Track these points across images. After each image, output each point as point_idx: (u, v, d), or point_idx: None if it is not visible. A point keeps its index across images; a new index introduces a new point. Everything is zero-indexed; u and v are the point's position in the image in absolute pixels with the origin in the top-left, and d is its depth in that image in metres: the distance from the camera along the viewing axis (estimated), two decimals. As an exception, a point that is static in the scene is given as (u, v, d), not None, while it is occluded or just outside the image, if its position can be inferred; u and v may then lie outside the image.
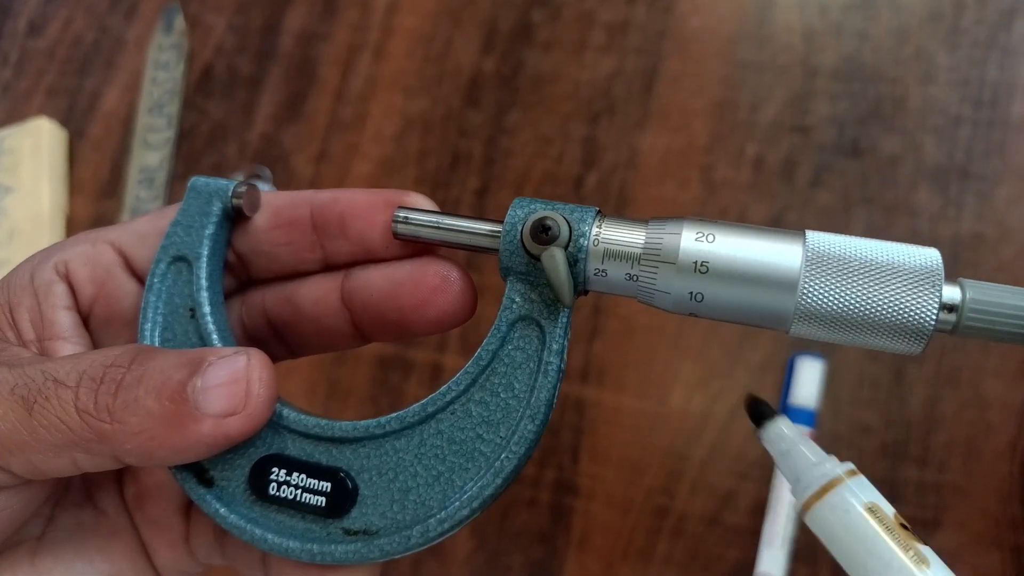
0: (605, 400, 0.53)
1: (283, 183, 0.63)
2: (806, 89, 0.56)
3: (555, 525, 0.52)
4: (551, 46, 0.61)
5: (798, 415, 0.50)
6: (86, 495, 0.28)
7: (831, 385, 0.51)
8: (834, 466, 0.23)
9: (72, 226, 0.66)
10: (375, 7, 0.65)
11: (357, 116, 0.63)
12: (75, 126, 0.68)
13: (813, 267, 0.22)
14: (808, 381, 0.50)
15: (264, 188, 0.62)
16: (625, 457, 0.52)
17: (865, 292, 0.22)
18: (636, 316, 0.54)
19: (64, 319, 0.26)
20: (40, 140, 0.66)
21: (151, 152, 0.65)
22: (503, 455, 0.24)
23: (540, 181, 0.58)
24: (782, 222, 0.54)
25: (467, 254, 0.27)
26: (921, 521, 0.48)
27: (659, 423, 0.52)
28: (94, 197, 0.66)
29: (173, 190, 0.65)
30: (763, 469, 0.50)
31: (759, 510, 0.50)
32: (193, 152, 0.65)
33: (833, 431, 0.50)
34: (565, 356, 0.25)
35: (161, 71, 0.67)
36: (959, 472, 0.49)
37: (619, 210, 0.57)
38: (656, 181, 0.57)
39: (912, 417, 0.50)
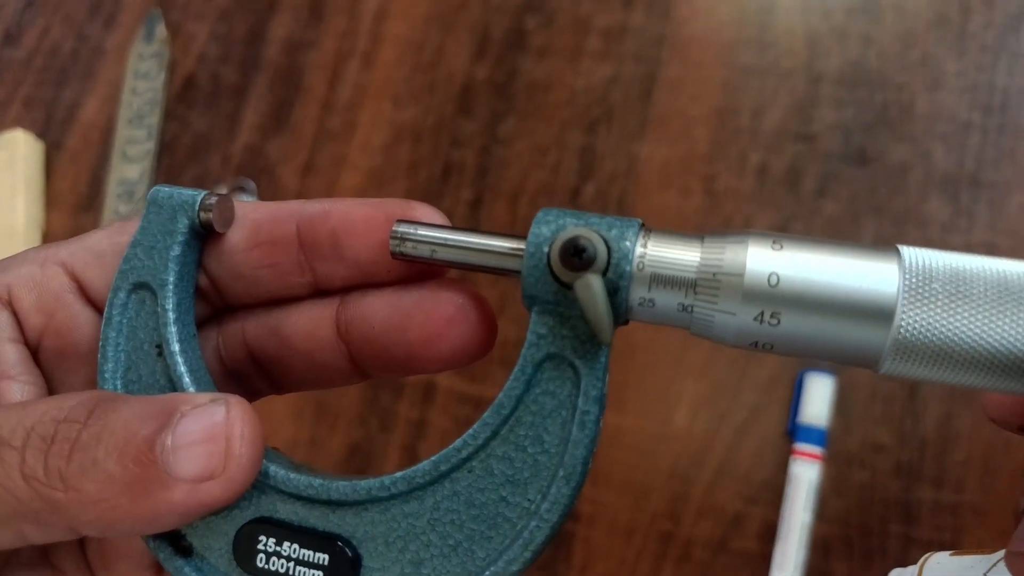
0: (606, 420, 0.51)
1: (269, 196, 0.61)
2: (810, 95, 0.54)
3: (555, 552, 0.50)
4: (546, 53, 0.59)
5: (808, 434, 0.48)
6: (40, 554, 0.24)
7: (842, 402, 0.49)
8: None
9: (48, 241, 0.63)
10: (363, 14, 0.63)
11: (345, 126, 0.61)
12: (52, 138, 0.66)
13: (914, 292, 0.18)
14: (818, 398, 0.48)
15: (249, 201, 0.60)
16: (628, 480, 0.50)
17: (980, 321, 0.17)
18: (636, 332, 0.52)
19: (9, 354, 0.23)
20: (15, 152, 0.64)
21: (131, 164, 0.63)
22: (532, 523, 0.20)
23: (536, 192, 0.56)
24: (788, 232, 0.52)
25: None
26: (938, 543, 0.46)
27: (663, 444, 0.50)
28: (72, 211, 0.64)
29: (154, 204, 0.62)
30: (772, 492, 0.48)
31: (769, 535, 0.47)
32: (175, 164, 0.63)
33: (845, 450, 0.48)
34: (604, 403, 0.21)
35: (141, 81, 0.65)
36: (976, 492, 0.47)
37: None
38: (657, 191, 0.55)
39: (927, 435, 0.48)
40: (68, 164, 0.65)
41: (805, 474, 0.47)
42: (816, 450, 0.48)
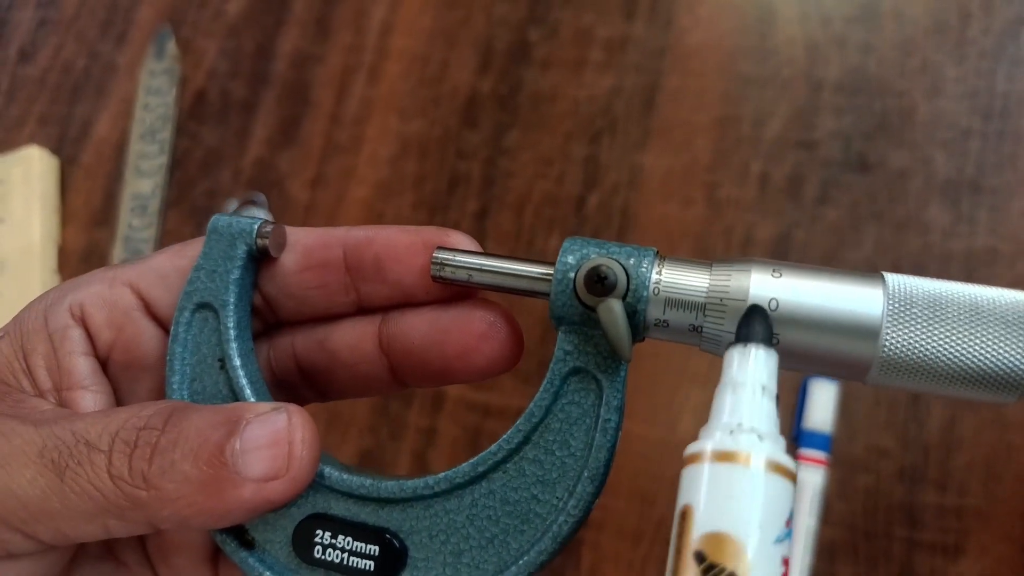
0: (612, 427, 0.52)
1: (278, 208, 0.62)
2: (811, 103, 0.55)
3: (564, 558, 0.50)
4: (549, 64, 0.60)
5: (813, 439, 0.48)
6: (105, 548, 0.27)
7: (846, 408, 0.49)
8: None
9: (64, 256, 0.64)
10: (369, 28, 0.64)
11: (353, 139, 0.62)
12: (66, 154, 0.67)
13: (896, 313, 0.20)
14: (822, 404, 0.48)
15: (259, 214, 0.61)
16: (635, 487, 0.51)
17: (953, 341, 0.20)
18: (642, 343, 0.53)
19: (82, 366, 0.25)
20: (31, 169, 0.65)
21: (144, 179, 0.64)
22: (560, 518, 0.23)
23: (541, 203, 0.57)
24: (790, 240, 0.53)
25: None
26: (943, 547, 0.47)
27: (669, 451, 0.51)
28: (86, 226, 0.65)
29: (166, 218, 0.63)
30: (777, 496, 0.49)
31: (774, 539, 0.48)
32: (186, 179, 0.64)
33: (849, 455, 0.49)
34: (623, 412, 0.23)
35: (153, 97, 0.66)
36: (980, 496, 0.47)
37: (622, 231, 0.55)
38: (659, 200, 0.55)
39: (930, 440, 0.48)
40: (82, 180, 0.66)
41: (810, 479, 0.48)
42: (820, 455, 0.48)
